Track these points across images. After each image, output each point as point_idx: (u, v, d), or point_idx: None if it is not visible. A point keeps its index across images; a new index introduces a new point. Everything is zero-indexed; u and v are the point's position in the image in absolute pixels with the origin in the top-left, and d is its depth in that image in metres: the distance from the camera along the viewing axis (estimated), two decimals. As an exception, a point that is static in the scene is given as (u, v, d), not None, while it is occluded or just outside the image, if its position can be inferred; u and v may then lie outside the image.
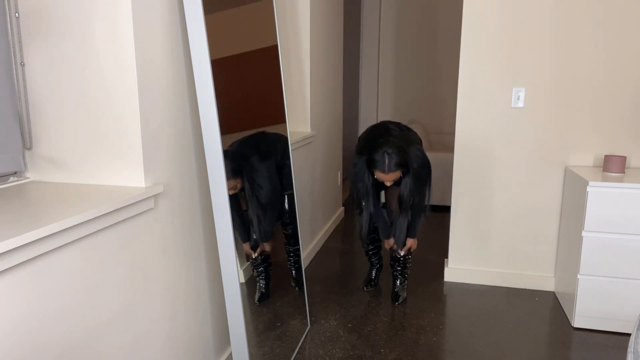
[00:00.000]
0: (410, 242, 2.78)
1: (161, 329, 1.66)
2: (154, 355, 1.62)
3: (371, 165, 2.46)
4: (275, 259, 2.28)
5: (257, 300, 2.10)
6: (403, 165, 2.42)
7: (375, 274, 3.03)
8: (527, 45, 2.74)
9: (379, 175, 2.45)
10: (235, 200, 1.90)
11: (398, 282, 2.89)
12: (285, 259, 2.41)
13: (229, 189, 1.83)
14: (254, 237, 2.09)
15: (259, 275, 2.14)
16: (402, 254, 2.81)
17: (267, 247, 2.19)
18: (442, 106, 5.41)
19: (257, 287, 2.14)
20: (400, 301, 2.82)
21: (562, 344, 2.38)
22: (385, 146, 2.41)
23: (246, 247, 2.08)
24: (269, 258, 2.20)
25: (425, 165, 2.60)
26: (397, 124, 2.78)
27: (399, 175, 2.44)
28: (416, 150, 2.57)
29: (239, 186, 1.91)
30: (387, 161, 2.38)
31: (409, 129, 2.78)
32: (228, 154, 1.83)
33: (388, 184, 2.47)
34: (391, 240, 2.81)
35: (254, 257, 2.12)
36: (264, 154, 2.16)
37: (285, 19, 3.19)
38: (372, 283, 3.00)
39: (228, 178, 1.82)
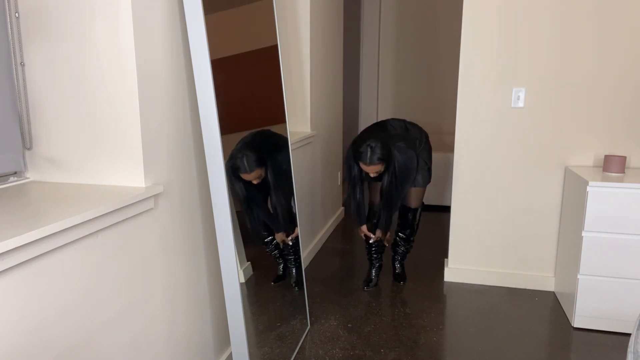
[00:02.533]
0: (378, 233, 2.92)
1: (161, 329, 1.66)
2: (153, 355, 1.62)
3: (356, 157, 2.61)
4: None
5: (273, 281, 2.26)
6: (384, 159, 2.56)
7: (375, 273, 3.03)
8: (527, 45, 2.74)
9: (362, 166, 2.60)
10: (259, 192, 1.95)
11: (398, 264, 3.13)
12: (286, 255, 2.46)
13: (255, 178, 1.90)
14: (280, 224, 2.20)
15: (276, 259, 2.29)
16: (371, 241, 2.96)
17: (296, 231, 2.35)
18: (442, 106, 5.41)
19: (277, 269, 2.29)
20: (404, 280, 3.09)
21: (562, 344, 2.38)
22: (370, 140, 2.57)
23: (280, 236, 2.21)
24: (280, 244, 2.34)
25: (410, 167, 2.72)
26: (403, 122, 2.92)
27: (380, 168, 2.58)
28: (405, 148, 2.70)
29: (262, 175, 1.96)
30: (369, 154, 2.54)
31: (414, 126, 2.92)
32: (250, 145, 1.90)
33: (372, 175, 2.62)
34: (364, 227, 2.94)
35: (290, 242, 2.28)
36: (279, 146, 2.26)
37: (285, 19, 3.19)
38: (372, 283, 3.00)
39: (253, 168, 1.90)
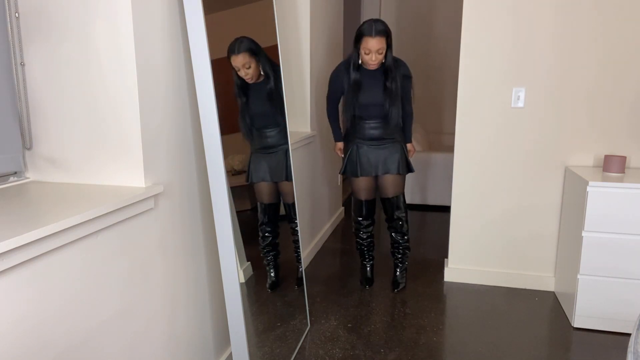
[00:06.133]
0: (410, 147, 2.93)
1: (161, 329, 1.66)
2: (153, 355, 1.62)
3: (359, 35, 2.60)
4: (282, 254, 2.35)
5: (269, 288, 2.23)
6: (387, 32, 2.59)
7: (370, 270, 3.03)
8: (527, 45, 2.74)
9: (365, 42, 2.56)
10: (256, 90, 1.98)
11: (398, 270, 3.01)
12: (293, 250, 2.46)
13: (242, 64, 1.89)
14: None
15: (268, 264, 2.24)
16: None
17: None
18: (442, 106, 5.41)
19: (267, 276, 2.24)
20: (400, 288, 2.94)
21: (562, 344, 2.38)
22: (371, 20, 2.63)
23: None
24: (278, 246, 2.28)
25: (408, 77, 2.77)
26: None
27: (384, 44, 2.57)
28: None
29: (251, 66, 1.95)
30: (373, 25, 2.56)
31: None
32: (253, 41, 1.97)
33: (375, 53, 2.57)
34: (341, 145, 2.96)
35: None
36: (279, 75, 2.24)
37: (285, 19, 3.19)
38: (370, 281, 3.00)
39: (241, 50, 1.92)
